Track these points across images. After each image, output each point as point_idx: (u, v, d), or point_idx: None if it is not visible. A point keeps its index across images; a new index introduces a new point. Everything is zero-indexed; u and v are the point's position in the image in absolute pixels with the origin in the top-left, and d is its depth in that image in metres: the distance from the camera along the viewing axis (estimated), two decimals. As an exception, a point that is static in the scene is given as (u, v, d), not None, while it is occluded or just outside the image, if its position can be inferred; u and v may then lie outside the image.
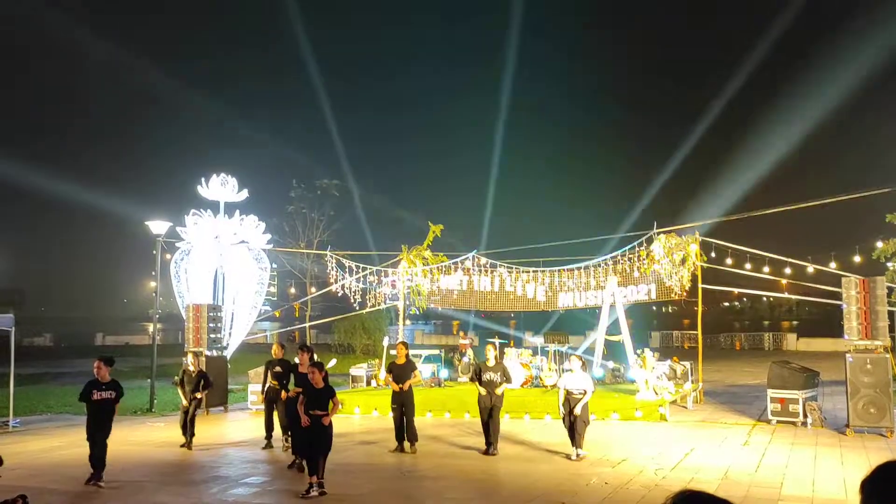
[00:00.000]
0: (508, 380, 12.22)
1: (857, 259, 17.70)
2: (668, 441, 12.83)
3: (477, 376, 12.29)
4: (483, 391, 12.04)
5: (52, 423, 16.82)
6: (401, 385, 12.43)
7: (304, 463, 10.24)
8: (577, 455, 11.26)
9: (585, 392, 11.37)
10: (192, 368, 13.36)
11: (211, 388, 13.85)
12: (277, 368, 12.87)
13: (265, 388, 13.19)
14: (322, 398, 9.68)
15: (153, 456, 12.49)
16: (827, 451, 11.75)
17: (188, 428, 13.05)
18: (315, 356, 11.61)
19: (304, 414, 9.58)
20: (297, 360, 11.90)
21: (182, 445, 13.00)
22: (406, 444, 12.40)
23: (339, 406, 10.36)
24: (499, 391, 11.99)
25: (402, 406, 12.49)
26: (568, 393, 11.54)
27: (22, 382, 21.49)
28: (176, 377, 13.83)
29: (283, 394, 12.43)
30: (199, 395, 13.13)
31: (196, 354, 14.40)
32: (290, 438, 11.98)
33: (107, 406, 10.44)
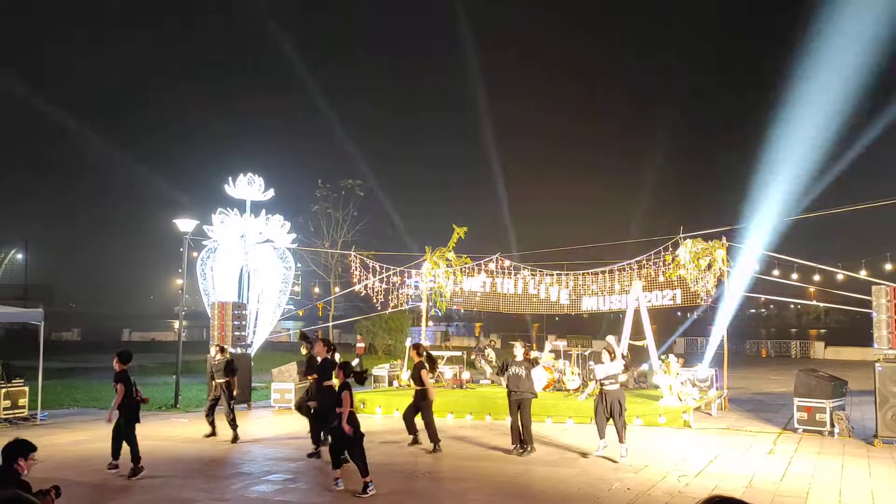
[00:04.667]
0: (529, 378, 12.25)
1: (888, 267, 17.38)
2: (692, 448, 12.70)
3: (502, 371, 12.43)
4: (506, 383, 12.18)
5: (79, 416, 17.08)
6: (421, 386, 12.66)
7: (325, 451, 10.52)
8: (625, 452, 11.45)
9: (616, 379, 11.66)
10: (218, 358, 13.71)
11: (235, 375, 13.97)
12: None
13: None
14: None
15: (177, 451, 12.62)
16: (854, 461, 11.56)
17: (232, 422, 13.40)
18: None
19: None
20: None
21: (233, 441, 13.28)
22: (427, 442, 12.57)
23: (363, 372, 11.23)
24: (527, 386, 12.02)
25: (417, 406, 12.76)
26: (601, 385, 11.71)
27: (50, 376, 21.86)
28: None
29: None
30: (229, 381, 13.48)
31: (221, 349, 14.61)
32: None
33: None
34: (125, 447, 10.62)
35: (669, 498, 9.13)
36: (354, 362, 20.58)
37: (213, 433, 13.64)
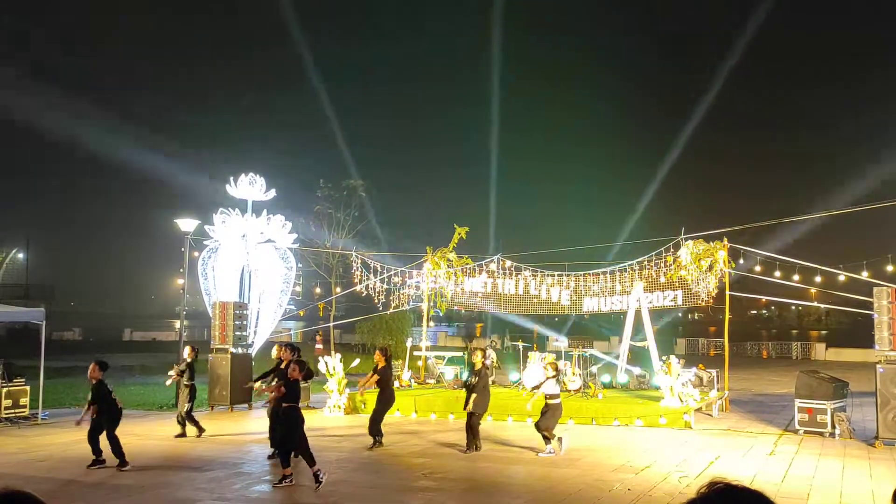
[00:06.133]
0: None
1: (889, 268, 17.34)
2: (693, 449, 12.69)
3: (469, 387, 12.71)
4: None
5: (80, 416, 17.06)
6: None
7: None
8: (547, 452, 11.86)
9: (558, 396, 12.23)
10: (188, 360, 13.98)
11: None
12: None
13: None
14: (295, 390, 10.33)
15: (177, 451, 12.61)
16: (855, 462, 11.55)
17: (188, 420, 13.69)
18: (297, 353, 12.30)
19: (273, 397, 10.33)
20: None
21: (178, 436, 13.56)
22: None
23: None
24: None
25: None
26: (546, 397, 12.26)
27: (51, 376, 21.86)
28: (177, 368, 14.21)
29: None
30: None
31: (193, 348, 14.75)
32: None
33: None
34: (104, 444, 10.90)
35: (670, 499, 9.12)
36: (355, 363, 20.63)
37: (184, 434, 13.70)
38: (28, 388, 15.92)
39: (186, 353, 14.39)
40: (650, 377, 18.73)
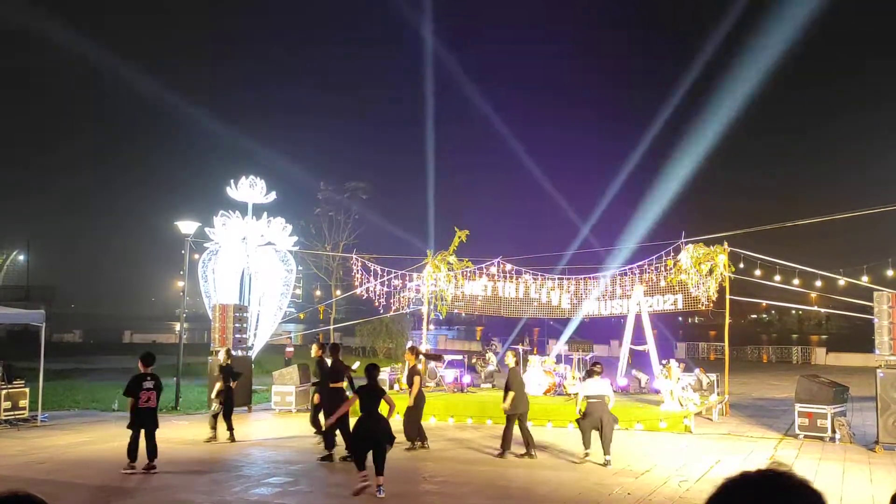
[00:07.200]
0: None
1: (890, 273, 17.32)
2: (693, 453, 12.69)
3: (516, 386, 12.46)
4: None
5: (80, 418, 17.07)
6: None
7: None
8: (606, 461, 11.40)
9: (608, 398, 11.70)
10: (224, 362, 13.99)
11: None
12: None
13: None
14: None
15: (178, 453, 12.60)
16: (855, 467, 11.54)
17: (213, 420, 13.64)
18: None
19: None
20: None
21: (209, 440, 13.48)
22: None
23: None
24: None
25: None
26: (587, 398, 11.76)
27: (51, 378, 21.85)
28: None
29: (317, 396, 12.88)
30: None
31: (228, 351, 14.76)
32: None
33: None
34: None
35: (670, 503, 9.12)
36: (355, 365, 20.62)
37: (215, 437, 13.63)
38: (28, 389, 15.91)
39: (222, 356, 14.37)
40: (644, 381, 18.76)
